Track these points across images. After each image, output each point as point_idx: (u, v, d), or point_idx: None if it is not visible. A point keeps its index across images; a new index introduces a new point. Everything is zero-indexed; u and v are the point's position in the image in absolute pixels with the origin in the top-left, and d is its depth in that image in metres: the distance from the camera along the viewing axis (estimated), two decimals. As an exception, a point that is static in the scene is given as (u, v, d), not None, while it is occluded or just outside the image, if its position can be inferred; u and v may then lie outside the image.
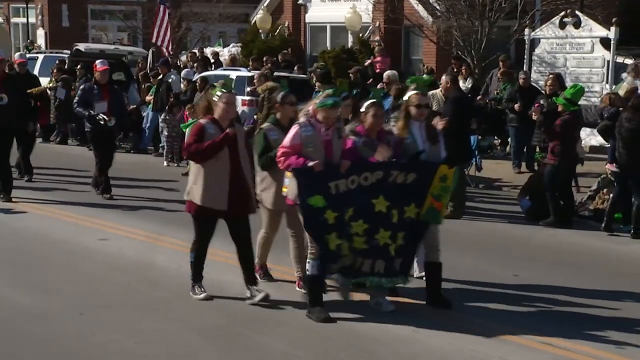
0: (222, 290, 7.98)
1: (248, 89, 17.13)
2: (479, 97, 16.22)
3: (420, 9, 21.52)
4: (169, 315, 7.33)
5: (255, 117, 14.74)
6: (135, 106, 18.35)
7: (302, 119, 7.34)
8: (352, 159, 7.16)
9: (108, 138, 12.44)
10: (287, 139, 7.29)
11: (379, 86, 14.11)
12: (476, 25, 18.40)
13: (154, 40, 20.82)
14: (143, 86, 19.22)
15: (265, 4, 26.24)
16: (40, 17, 31.59)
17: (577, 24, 17.32)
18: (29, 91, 13.51)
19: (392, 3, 21.66)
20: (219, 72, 19.11)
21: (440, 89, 11.96)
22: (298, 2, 25.65)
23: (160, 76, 17.85)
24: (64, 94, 18.50)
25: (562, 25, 17.49)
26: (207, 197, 7.40)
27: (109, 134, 12.40)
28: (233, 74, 18.12)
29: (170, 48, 21.02)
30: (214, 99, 7.43)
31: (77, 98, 12.52)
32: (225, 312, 7.42)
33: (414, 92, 7.60)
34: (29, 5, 31.25)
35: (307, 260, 7.27)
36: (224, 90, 7.47)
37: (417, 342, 6.75)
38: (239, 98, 16.72)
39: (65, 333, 6.83)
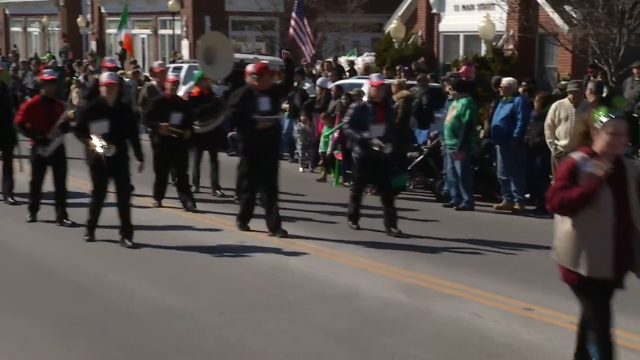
0: (355, 294, 8.17)
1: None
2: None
3: (555, 17, 21.22)
4: (300, 316, 7.52)
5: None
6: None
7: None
8: None
9: (381, 168, 10.81)
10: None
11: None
12: (614, 33, 18.02)
13: (302, 48, 21.40)
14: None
15: (399, 14, 26.47)
16: (185, 29, 33.07)
17: None
18: None
19: (526, 11, 21.47)
20: (353, 80, 19.49)
21: (570, 97, 11.90)
22: (432, 12, 25.75)
23: (295, 84, 18.32)
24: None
25: None
26: (582, 262, 5.48)
27: (382, 162, 10.77)
28: (367, 83, 18.44)
29: (312, 54, 21.59)
30: (595, 125, 5.48)
31: (348, 117, 11.08)
32: (356, 315, 7.55)
33: None
34: (175, 18, 32.78)
35: None
36: (611, 116, 5.46)
37: (549, 352, 6.76)
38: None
39: (206, 330, 7.14)
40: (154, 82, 14.96)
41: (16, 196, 12.42)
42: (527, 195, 12.95)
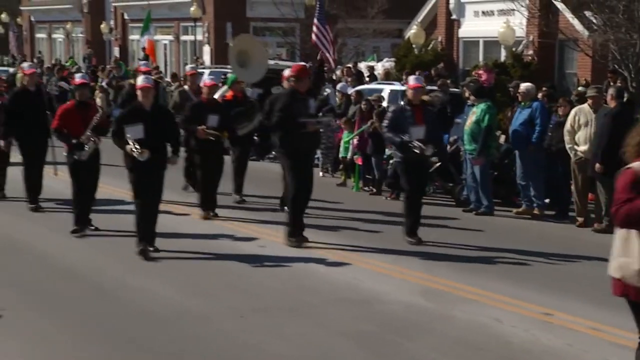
0: (375, 298, 8.26)
1: (401, 102, 17.50)
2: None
3: (575, 22, 21.25)
4: (319, 320, 7.60)
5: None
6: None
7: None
8: None
9: (419, 171, 10.72)
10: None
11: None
12: (634, 39, 18.00)
13: (325, 53, 21.55)
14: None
15: (419, 20, 26.59)
16: (206, 35, 33.39)
17: None
18: None
19: (546, 17, 21.49)
20: (373, 85, 19.61)
21: (590, 102, 11.95)
22: (451, 17, 25.84)
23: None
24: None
25: None
26: None
27: (422, 165, 10.80)
28: (387, 88, 18.59)
29: (334, 60, 21.70)
30: None
31: (386, 121, 10.88)
32: (376, 319, 7.63)
33: None
34: (196, 24, 33.10)
35: None
36: None
37: (569, 357, 6.78)
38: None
39: (224, 334, 7.23)
40: (185, 87, 14.94)
41: (41, 201, 12.59)
42: (547, 200, 12.99)
